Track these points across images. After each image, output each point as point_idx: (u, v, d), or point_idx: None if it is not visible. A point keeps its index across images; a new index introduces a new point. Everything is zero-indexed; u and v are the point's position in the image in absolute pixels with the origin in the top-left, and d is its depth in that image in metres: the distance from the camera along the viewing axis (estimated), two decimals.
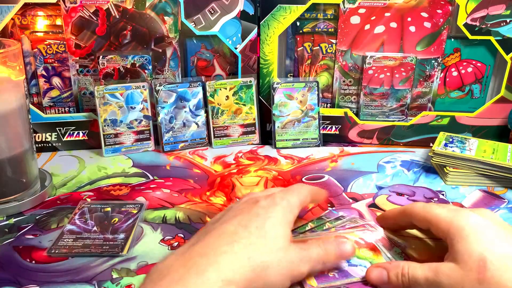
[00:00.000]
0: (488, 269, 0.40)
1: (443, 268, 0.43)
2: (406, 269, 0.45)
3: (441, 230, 0.46)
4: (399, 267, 0.45)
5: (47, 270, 0.51)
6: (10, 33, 0.78)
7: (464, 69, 0.84)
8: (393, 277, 0.45)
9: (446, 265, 0.43)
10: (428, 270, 0.43)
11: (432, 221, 0.47)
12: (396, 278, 0.45)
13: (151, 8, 0.80)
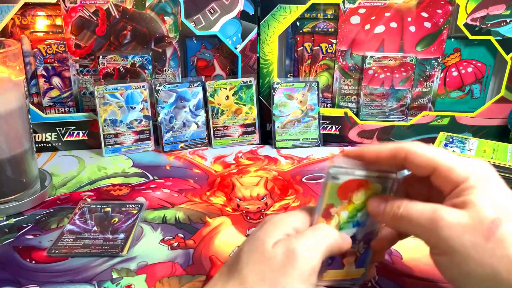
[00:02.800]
0: (500, 227, 0.34)
1: (445, 211, 0.36)
2: (404, 204, 0.39)
3: (454, 176, 0.37)
4: (398, 200, 0.40)
5: (47, 270, 0.51)
6: (10, 33, 0.78)
7: (464, 69, 0.84)
8: (387, 208, 0.40)
9: (450, 209, 0.36)
10: (427, 208, 0.37)
11: (442, 165, 0.38)
12: (390, 209, 0.40)
13: (151, 8, 0.80)
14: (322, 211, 0.42)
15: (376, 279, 0.50)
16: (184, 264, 0.52)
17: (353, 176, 0.42)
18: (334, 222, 0.43)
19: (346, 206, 0.43)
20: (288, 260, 0.37)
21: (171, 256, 0.54)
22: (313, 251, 0.38)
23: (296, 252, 0.37)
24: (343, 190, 0.42)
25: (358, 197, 0.42)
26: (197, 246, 0.56)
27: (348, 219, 0.43)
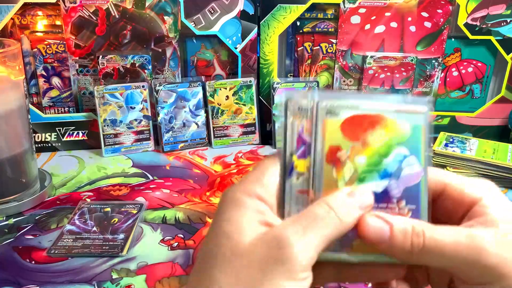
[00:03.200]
0: None
1: (479, 233, 0.31)
2: (420, 228, 0.31)
3: (467, 195, 0.33)
4: (408, 224, 0.31)
5: (46, 270, 0.51)
6: (10, 32, 0.78)
7: (464, 69, 0.84)
8: (399, 236, 0.31)
9: (481, 229, 0.31)
10: (459, 235, 0.30)
11: (452, 185, 0.34)
12: (404, 238, 0.31)
13: (151, 7, 0.80)
14: (325, 157, 0.33)
15: None
16: (184, 265, 0.52)
17: (359, 111, 0.33)
18: (349, 171, 0.33)
19: (360, 150, 0.33)
20: (271, 256, 0.29)
21: (171, 256, 0.54)
22: (305, 244, 0.30)
23: (282, 245, 0.29)
24: (349, 129, 0.33)
25: (376, 138, 0.33)
26: (197, 246, 0.56)
27: (370, 167, 0.34)
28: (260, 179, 0.32)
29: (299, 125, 0.34)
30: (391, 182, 0.33)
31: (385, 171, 0.33)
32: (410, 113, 0.33)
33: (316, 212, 0.31)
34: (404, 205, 0.33)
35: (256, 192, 0.32)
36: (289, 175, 0.34)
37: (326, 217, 0.30)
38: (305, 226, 0.30)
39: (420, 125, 0.33)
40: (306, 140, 0.34)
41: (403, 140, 0.33)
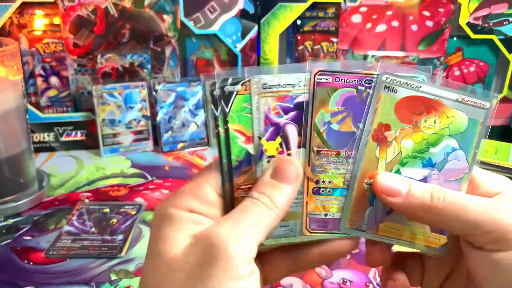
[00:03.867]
0: None
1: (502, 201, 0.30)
2: (443, 193, 0.30)
3: (491, 188, 0.32)
4: (427, 185, 0.31)
5: (45, 271, 0.51)
6: (8, 32, 0.77)
7: (466, 68, 0.83)
8: (417, 190, 0.31)
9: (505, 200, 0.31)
10: (482, 199, 0.30)
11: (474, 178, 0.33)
12: (424, 192, 0.31)
13: (150, 6, 0.79)
14: (372, 132, 0.32)
15: (377, 281, 0.50)
16: None
17: (418, 93, 0.31)
18: (393, 152, 0.32)
19: (410, 133, 0.32)
20: (206, 258, 0.27)
21: None
22: (239, 236, 0.28)
23: (215, 243, 0.27)
24: (403, 109, 0.32)
25: (429, 124, 0.32)
26: None
27: (415, 153, 0.32)
28: (194, 191, 0.31)
29: (264, 105, 0.33)
30: (432, 173, 0.32)
31: (430, 160, 0.32)
32: (472, 105, 0.31)
33: (243, 205, 0.30)
34: None
35: (188, 205, 0.30)
36: (259, 159, 0.33)
37: (254, 208, 0.30)
38: (234, 221, 0.29)
39: (478, 120, 0.32)
40: (273, 120, 0.33)
41: (457, 132, 0.32)
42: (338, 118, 0.33)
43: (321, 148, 0.33)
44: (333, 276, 0.50)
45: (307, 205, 0.34)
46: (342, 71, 0.33)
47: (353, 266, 0.52)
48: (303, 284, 0.49)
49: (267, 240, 0.32)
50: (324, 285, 0.49)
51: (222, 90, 0.32)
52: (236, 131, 0.32)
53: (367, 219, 0.33)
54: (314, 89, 0.32)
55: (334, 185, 0.33)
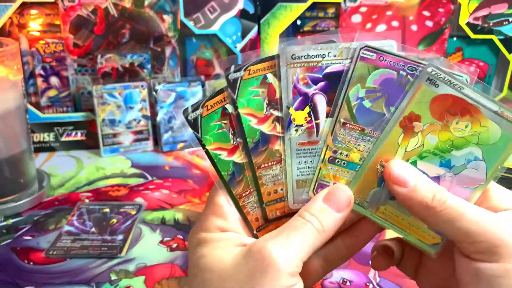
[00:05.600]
0: None
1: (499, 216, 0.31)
2: (445, 190, 0.31)
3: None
4: (435, 184, 0.32)
5: (45, 271, 0.51)
6: (8, 32, 0.77)
7: None
8: (423, 186, 0.31)
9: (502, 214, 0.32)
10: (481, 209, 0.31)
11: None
12: (427, 189, 0.31)
13: (150, 6, 0.79)
14: (402, 119, 0.32)
15: (377, 281, 0.50)
16: (183, 266, 0.52)
17: (459, 94, 0.31)
18: (415, 143, 0.32)
19: (437, 130, 0.32)
20: (257, 270, 0.30)
21: (170, 257, 0.53)
22: (286, 254, 0.30)
23: (265, 257, 0.30)
24: (439, 106, 0.31)
25: (460, 127, 0.31)
26: None
27: (436, 151, 0.32)
28: (217, 212, 0.34)
29: (293, 75, 0.33)
30: (447, 174, 0.32)
31: (449, 161, 0.32)
32: (510, 121, 0.31)
33: (294, 224, 0.32)
34: None
35: (216, 225, 0.33)
36: (287, 128, 0.33)
37: (303, 229, 0.32)
38: (284, 238, 0.31)
39: (511, 137, 0.31)
40: (302, 90, 0.33)
41: (485, 143, 0.32)
42: (372, 96, 0.33)
43: (348, 121, 0.33)
44: (333, 276, 0.50)
45: (320, 170, 0.34)
46: (388, 52, 0.33)
47: (353, 266, 0.52)
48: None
49: (294, 205, 0.35)
50: (324, 285, 0.49)
51: (227, 78, 0.33)
52: (247, 114, 0.33)
53: (370, 197, 0.34)
54: (356, 62, 0.32)
55: (350, 159, 0.34)
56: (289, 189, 0.35)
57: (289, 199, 0.35)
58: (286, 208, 0.35)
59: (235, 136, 0.34)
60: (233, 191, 0.34)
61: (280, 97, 0.33)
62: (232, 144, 0.34)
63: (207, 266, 0.32)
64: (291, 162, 0.34)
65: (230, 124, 0.34)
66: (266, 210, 0.35)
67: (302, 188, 0.35)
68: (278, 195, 0.35)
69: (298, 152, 0.34)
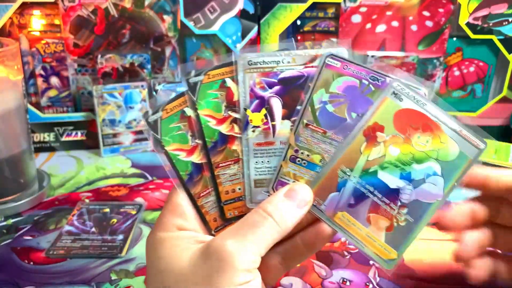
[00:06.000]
0: None
1: None
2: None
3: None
4: None
5: (45, 271, 0.51)
6: (8, 32, 0.77)
7: (466, 68, 0.84)
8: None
9: None
10: None
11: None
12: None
13: (150, 6, 0.79)
14: (365, 128, 0.33)
15: (377, 281, 0.50)
16: None
17: (422, 110, 0.32)
18: (377, 153, 0.33)
19: (400, 143, 0.33)
20: (214, 269, 0.30)
21: None
22: (244, 251, 0.30)
23: (222, 256, 0.30)
24: (402, 119, 0.33)
25: (421, 141, 0.33)
26: None
27: (398, 162, 0.33)
28: (174, 211, 0.34)
29: (250, 79, 0.35)
30: (407, 187, 0.33)
31: (409, 174, 0.33)
32: (467, 141, 0.32)
33: (253, 218, 0.32)
34: (404, 213, 0.34)
35: (174, 224, 0.34)
36: (245, 129, 0.35)
37: (263, 223, 0.32)
38: (242, 234, 0.31)
39: (468, 157, 0.32)
40: (258, 94, 0.35)
41: (443, 159, 0.33)
42: (335, 101, 0.35)
43: (311, 123, 0.35)
44: (333, 276, 0.50)
45: (281, 168, 0.36)
46: (352, 61, 0.35)
47: (353, 266, 0.52)
48: (303, 284, 0.49)
49: (251, 204, 0.36)
50: (324, 285, 0.49)
51: (187, 82, 0.36)
52: (207, 115, 0.35)
53: (328, 201, 0.34)
54: (321, 69, 0.34)
55: (311, 160, 0.35)
56: (246, 188, 0.36)
57: (247, 198, 0.36)
58: (244, 207, 0.37)
59: (194, 137, 0.36)
60: (192, 191, 0.35)
61: (238, 100, 0.35)
62: (191, 145, 0.36)
63: (165, 267, 0.32)
64: (248, 161, 0.36)
65: (189, 126, 0.36)
66: (224, 209, 0.36)
67: (259, 187, 0.36)
68: (236, 194, 0.37)
69: (255, 152, 0.36)
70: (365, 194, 0.34)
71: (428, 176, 0.33)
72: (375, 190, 0.34)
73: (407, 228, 0.33)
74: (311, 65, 0.35)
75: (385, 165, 0.33)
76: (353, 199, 0.34)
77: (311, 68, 0.35)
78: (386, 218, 0.34)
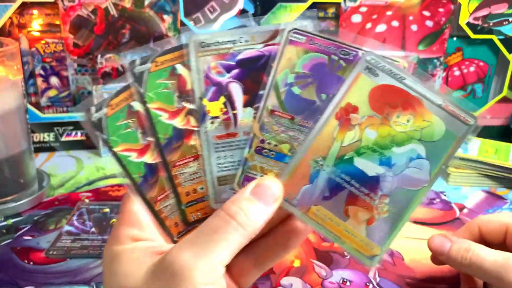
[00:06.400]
0: None
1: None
2: (472, 247, 0.39)
3: None
4: (465, 243, 0.40)
5: (45, 271, 0.51)
6: (8, 32, 0.77)
7: (466, 68, 0.83)
8: (454, 250, 0.40)
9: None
10: (499, 257, 0.38)
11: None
12: (457, 252, 0.40)
13: (150, 6, 0.79)
14: (338, 110, 0.29)
15: (377, 281, 0.50)
16: None
17: (401, 84, 0.28)
18: (352, 137, 0.29)
19: (377, 124, 0.29)
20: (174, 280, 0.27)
21: None
22: (205, 264, 0.27)
23: (180, 273, 0.27)
24: (379, 97, 0.29)
25: (401, 121, 0.29)
26: None
27: (375, 147, 0.29)
28: (129, 221, 0.31)
29: (204, 64, 0.31)
30: (387, 174, 0.29)
31: (389, 159, 0.29)
32: (454, 116, 0.29)
33: (215, 224, 0.28)
34: (386, 203, 0.30)
35: (129, 235, 0.30)
36: (202, 121, 0.31)
37: (226, 227, 0.28)
38: (201, 244, 0.28)
39: (456, 135, 0.28)
40: (215, 80, 0.31)
41: (428, 140, 0.29)
42: (301, 82, 0.30)
43: (276, 108, 0.31)
44: (333, 276, 0.50)
45: (246, 161, 0.32)
46: (318, 35, 0.30)
47: (353, 266, 0.52)
48: (303, 284, 0.49)
49: (216, 204, 0.32)
50: (324, 285, 0.49)
51: (132, 72, 0.30)
52: (157, 109, 0.31)
53: (301, 195, 0.31)
54: (284, 46, 0.30)
55: (278, 150, 0.31)
56: (209, 187, 0.32)
57: (211, 197, 0.33)
58: (207, 208, 0.33)
59: (145, 135, 0.31)
60: (147, 195, 0.31)
61: (192, 88, 0.31)
62: (142, 144, 0.31)
63: (118, 285, 0.29)
64: (209, 157, 0.32)
65: (138, 122, 0.31)
66: (186, 212, 0.32)
67: (224, 185, 0.32)
68: (198, 194, 0.33)
69: (216, 146, 0.32)
70: (341, 185, 0.30)
71: (412, 159, 0.29)
72: (352, 179, 0.30)
73: (390, 220, 0.30)
74: (272, 43, 0.30)
75: (362, 150, 0.29)
76: (328, 191, 0.30)
77: (272, 46, 0.30)
78: (366, 209, 0.30)
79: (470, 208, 0.64)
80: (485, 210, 0.64)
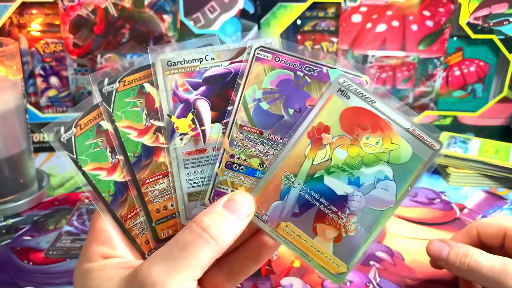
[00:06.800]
0: None
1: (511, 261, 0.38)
2: (471, 252, 0.39)
3: None
4: (463, 248, 0.40)
5: (45, 271, 0.51)
6: (8, 32, 0.77)
7: (466, 68, 0.83)
8: (452, 255, 0.40)
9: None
10: (497, 262, 0.38)
11: (510, 228, 0.42)
12: (455, 257, 0.40)
13: (150, 6, 0.79)
14: (310, 129, 0.30)
15: (377, 281, 0.49)
16: None
17: (372, 108, 0.29)
18: (322, 156, 0.30)
19: (347, 144, 0.30)
20: None
21: None
22: (177, 280, 0.27)
23: None
24: (349, 118, 0.30)
25: (370, 143, 0.30)
26: None
27: (345, 166, 0.30)
28: (98, 238, 0.31)
29: (171, 82, 0.31)
30: (355, 193, 0.30)
31: (357, 179, 0.30)
32: (421, 141, 0.30)
33: (187, 238, 0.28)
34: (353, 222, 0.31)
35: (99, 253, 0.30)
36: (171, 138, 0.32)
37: (197, 242, 0.28)
38: (172, 258, 0.27)
39: (422, 158, 0.29)
40: (183, 97, 0.31)
41: (395, 162, 0.30)
42: (269, 97, 0.32)
43: (245, 123, 0.32)
44: None
45: (216, 176, 0.32)
46: (284, 52, 0.32)
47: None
48: (303, 284, 0.49)
49: (186, 220, 0.32)
50: (324, 285, 0.49)
51: (100, 92, 0.31)
52: (126, 127, 0.32)
53: (271, 211, 0.31)
54: (251, 63, 0.31)
55: (248, 164, 0.32)
56: (179, 203, 0.33)
57: (181, 214, 0.33)
58: (178, 225, 0.33)
59: (114, 154, 0.32)
60: (117, 213, 0.32)
61: (160, 106, 0.32)
62: (111, 162, 0.32)
63: None
64: (179, 174, 0.32)
65: (107, 141, 0.32)
66: (157, 230, 0.33)
67: (194, 201, 0.33)
68: (169, 211, 0.33)
69: (185, 163, 0.32)
70: (311, 202, 0.31)
71: (379, 180, 0.30)
72: (321, 197, 0.31)
73: (357, 239, 0.30)
74: (238, 60, 0.32)
75: (332, 169, 0.30)
76: (298, 208, 0.31)
77: (238, 63, 0.32)
78: (334, 227, 0.31)
79: (471, 208, 0.64)
80: (486, 210, 0.64)
